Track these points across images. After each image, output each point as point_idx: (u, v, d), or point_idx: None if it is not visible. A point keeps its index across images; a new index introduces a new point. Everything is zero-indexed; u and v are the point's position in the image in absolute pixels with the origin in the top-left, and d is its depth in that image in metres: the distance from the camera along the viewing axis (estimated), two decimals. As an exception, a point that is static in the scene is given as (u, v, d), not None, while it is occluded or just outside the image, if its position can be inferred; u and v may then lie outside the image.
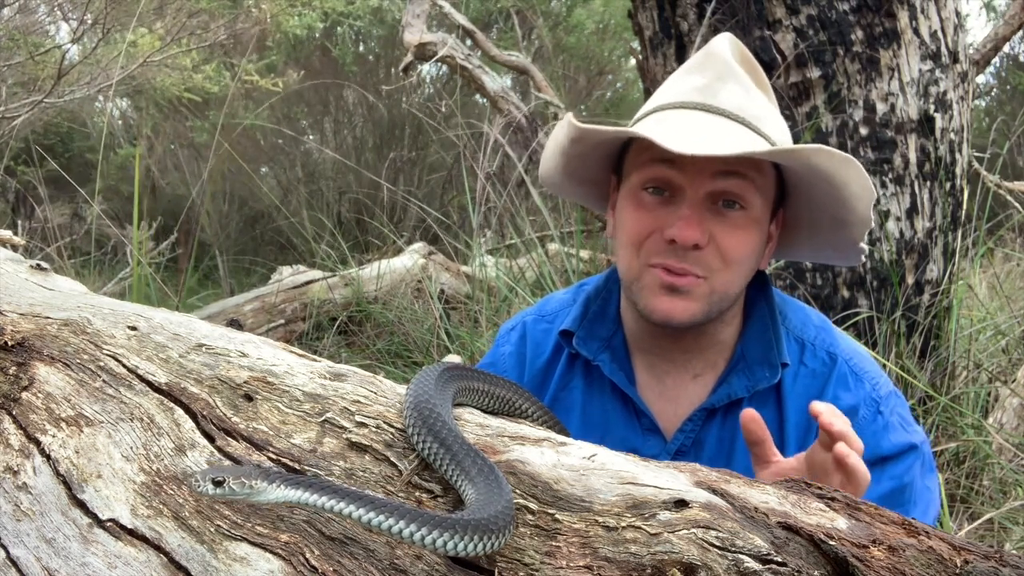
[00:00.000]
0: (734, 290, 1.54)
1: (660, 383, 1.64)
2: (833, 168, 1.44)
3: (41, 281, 1.70)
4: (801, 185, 1.54)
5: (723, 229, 1.49)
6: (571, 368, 1.71)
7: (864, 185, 1.46)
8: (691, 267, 1.48)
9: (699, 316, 1.51)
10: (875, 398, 1.56)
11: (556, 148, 1.62)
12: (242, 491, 0.95)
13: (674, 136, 1.41)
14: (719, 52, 1.56)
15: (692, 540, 0.96)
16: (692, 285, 1.49)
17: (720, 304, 1.53)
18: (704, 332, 1.59)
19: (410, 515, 0.93)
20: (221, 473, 0.95)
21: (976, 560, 0.93)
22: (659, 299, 1.51)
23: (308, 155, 10.09)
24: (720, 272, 1.50)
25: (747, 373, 1.58)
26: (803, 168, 1.47)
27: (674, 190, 1.50)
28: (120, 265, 6.53)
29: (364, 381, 1.26)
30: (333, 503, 0.94)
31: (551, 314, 1.78)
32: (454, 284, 5.89)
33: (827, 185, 1.47)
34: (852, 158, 1.44)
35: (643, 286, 1.53)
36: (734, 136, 1.48)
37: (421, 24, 5.93)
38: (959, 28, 3.60)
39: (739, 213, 1.49)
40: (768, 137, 1.52)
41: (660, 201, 1.51)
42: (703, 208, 1.48)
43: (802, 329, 1.64)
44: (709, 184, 1.47)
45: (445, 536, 0.92)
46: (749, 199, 1.49)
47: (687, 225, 1.46)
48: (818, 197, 1.52)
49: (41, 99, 4.87)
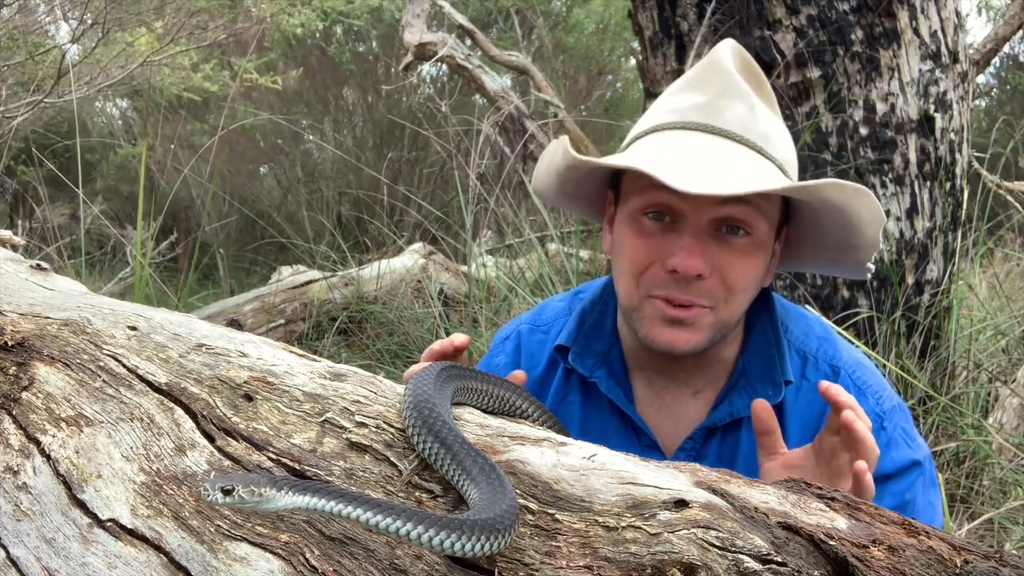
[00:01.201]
0: (737, 316, 1.50)
1: (659, 398, 1.61)
2: (845, 201, 1.39)
3: (41, 281, 1.70)
4: (808, 210, 1.48)
5: (727, 257, 1.43)
6: (567, 382, 1.67)
7: (875, 212, 1.41)
8: (694, 298, 1.43)
9: (703, 344, 1.47)
10: (878, 412, 1.52)
11: (551, 169, 1.57)
12: (252, 499, 0.95)
13: (677, 169, 1.35)
14: (722, 64, 1.49)
15: (692, 540, 0.96)
16: (696, 316, 1.45)
17: (723, 331, 1.49)
18: (706, 352, 1.54)
19: (417, 518, 0.93)
20: (230, 481, 0.95)
21: (976, 560, 0.93)
22: (661, 330, 1.46)
23: (308, 155, 10.09)
24: (724, 301, 1.45)
25: (749, 390, 1.53)
26: (814, 200, 1.42)
27: (675, 215, 1.44)
28: (120, 265, 6.53)
29: (364, 381, 1.26)
30: (342, 507, 0.95)
31: (546, 324, 1.73)
32: (454, 284, 5.89)
33: (837, 215, 1.43)
34: (864, 189, 1.38)
35: (644, 316, 1.48)
36: (740, 164, 1.42)
37: (421, 24, 5.93)
38: (959, 28, 3.60)
39: (743, 239, 1.44)
40: (775, 160, 1.47)
41: (661, 227, 1.45)
42: (706, 236, 1.42)
43: (804, 341, 1.60)
44: (713, 211, 1.42)
45: (453, 537, 0.92)
46: (754, 225, 1.43)
47: (689, 255, 1.40)
48: (826, 223, 1.48)
49: (41, 99, 4.87)
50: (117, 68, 5.69)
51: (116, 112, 10.80)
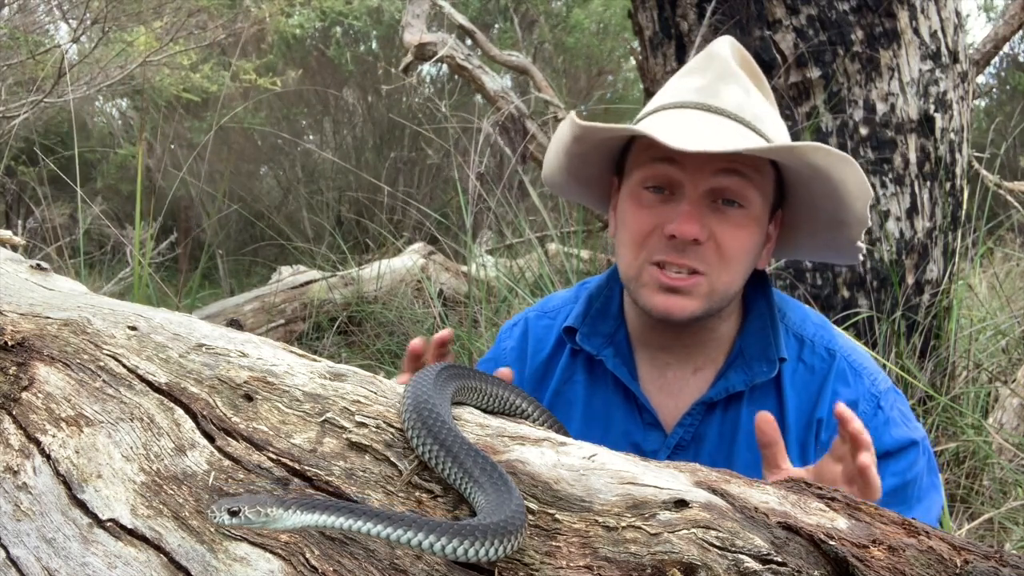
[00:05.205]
0: (733, 289, 1.56)
1: (662, 376, 1.67)
2: (831, 166, 1.46)
3: (41, 281, 1.70)
4: (799, 185, 1.55)
5: (722, 227, 1.51)
6: (573, 363, 1.73)
7: (861, 184, 1.47)
8: (690, 262, 1.50)
9: (698, 312, 1.54)
10: (874, 393, 1.58)
11: (559, 147, 1.64)
12: (258, 520, 0.95)
13: (674, 134, 1.43)
14: (720, 53, 1.58)
15: (692, 540, 0.96)
16: (692, 286, 1.52)
17: (719, 302, 1.55)
18: (704, 327, 1.61)
19: (428, 527, 0.93)
20: (236, 503, 0.95)
21: (976, 560, 0.93)
22: (658, 296, 1.53)
23: (308, 155, 10.10)
24: (719, 269, 1.52)
25: (745, 368, 1.60)
26: (801, 166, 1.49)
27: (674, 188, 1.52)
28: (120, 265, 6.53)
29: (364, 381, 1.26)
30: (352, 523, 0.95)
31: (553, 310, 1.81)
32: (454, 284, 5.89)
33: (825, 184, 1.49)
34: (850, 157, 1.46)
35: (643, 284, 1.55)
36: (734, 135, 1.50)
37: (421, 24, 5.93)
38: (959, 28, 3.60)
39: (738, 211, 1.51)
40: (767, 136, 1.54)
41: (660, 199, 1.53)
42: (703, 205, 1.50)
43: (801, 326, 1.66)
44: (709, 181, 1.49)
45: (466, 544, 0.93)
46: (748, 197, 1.51)
47: (686, 220, 1.48)
48: (816, 197, 1.54)
49: (41, 99, 4.87)
50: (116, 68, 5.70)
51: (116, 112, 10.80)
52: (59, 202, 7.30)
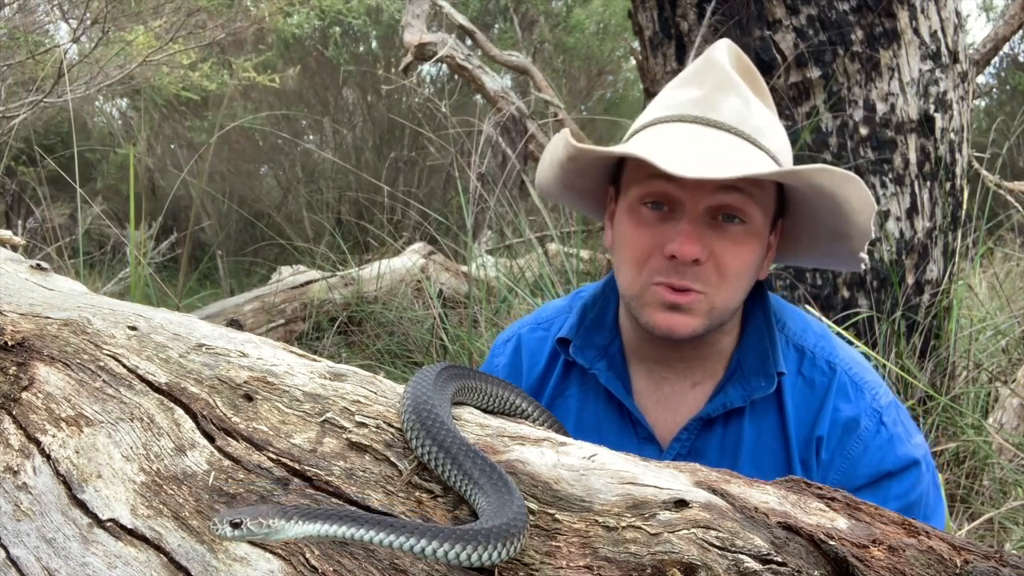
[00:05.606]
0: (733, 304, 1.53)
1: (659, 390, 1.63)
2: (834, 186, 1.42)
3: (41, 281, 1.70)
4: (801, 199, 1.52)
5: (723, 243, 1.47)
6: (567, 376, 1.70)
7: (865, 200, 1.44)
8: (691, 283, 1.47)
9: (700, 330, 1.51)
10: (876, 408, 1.55)
11: (553, 160, 1.61)
12: (260, 531, 0.95)
13: (674, 156, 1.39)
14: (718, 61, 1.54)
15: (692, 540, 0.96)
16: (693, 303, 1.49)
17: (720, 318, 1.53)
18: (704, 341, 1.58)
19: (431, 533, 0.94)
20: (238, 515, 0.95)
21: (976, 560, 0.93)
22: (661, 315, 1.50)
23: (308, 155, 10.10)
24: (719, 287, 1.49)
25: (743, 383, 1.57)
26: (804, 186, 1.46)
27: (673, 204, 1.48)
28: (120, 265, 6.53)
29: (364, 381, 1.26)
30: (355, 531, 0.95)
31: (547, 321, 1.77)
32: (454, 284, 5.89)
33: (828, 201, 1.46)
34: (853, 175, 1.42)
35: (645, 303, 1.52)
36: (735, 153, 1.46)
37: (421, 24, 5.93)
38: (959, 28, 3.60)
39: (739, 227, 1.48)
40: (769, 151, 1.51)
41: (660, 216, 1.49)
42: (703, 223, 1.47)
43: (802, 336, 1.63)
44: (709, 199, 1.46)
45: (469, 549, 0.93)
46: (749, 213, 1.47)
47: (687, 240, 1.45)
48: (819, 212, 1.51)
49: (41, 99, 4.87)
50: (116, 68, 5.70)
51: (116, 112, 10.80)
52: (59, 202, 7.30)
